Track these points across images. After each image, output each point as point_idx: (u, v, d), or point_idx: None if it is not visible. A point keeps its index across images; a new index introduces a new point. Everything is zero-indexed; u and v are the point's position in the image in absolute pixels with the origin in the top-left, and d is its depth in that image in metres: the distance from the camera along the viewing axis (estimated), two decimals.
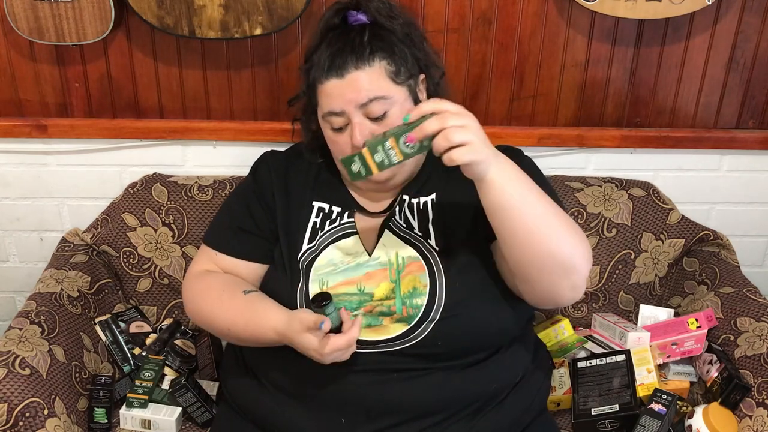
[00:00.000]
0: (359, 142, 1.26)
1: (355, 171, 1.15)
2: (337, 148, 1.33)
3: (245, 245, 1.42)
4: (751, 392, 1.43)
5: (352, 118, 1.27)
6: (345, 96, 1.27)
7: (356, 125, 1.27)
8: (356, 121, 1.27)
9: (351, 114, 1.27)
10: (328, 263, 1.33)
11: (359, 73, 1.26)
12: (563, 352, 1.63)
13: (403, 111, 1.28)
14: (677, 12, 1.64)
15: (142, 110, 1.78)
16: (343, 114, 1.28)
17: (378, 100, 1.27)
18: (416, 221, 1.36)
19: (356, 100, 1.26)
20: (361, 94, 1.26)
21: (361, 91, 1.26)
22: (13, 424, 1.28)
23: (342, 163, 1.20)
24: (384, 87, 1.28)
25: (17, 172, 1.83)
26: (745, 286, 1.65)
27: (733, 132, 1.84)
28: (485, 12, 1.70)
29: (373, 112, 1.27)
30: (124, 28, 1.69)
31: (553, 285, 1.21)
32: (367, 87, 1.26)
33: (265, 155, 1.52)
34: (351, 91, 1.27)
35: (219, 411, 1.49)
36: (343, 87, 1.27)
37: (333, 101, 1.28)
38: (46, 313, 1.52)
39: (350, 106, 1.27)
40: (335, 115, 1.29)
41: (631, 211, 1.78)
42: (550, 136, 1.80)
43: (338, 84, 1.27)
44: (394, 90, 1.29)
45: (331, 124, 1.31)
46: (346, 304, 1.29)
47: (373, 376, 1.27)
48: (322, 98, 1.31)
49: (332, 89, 1.28)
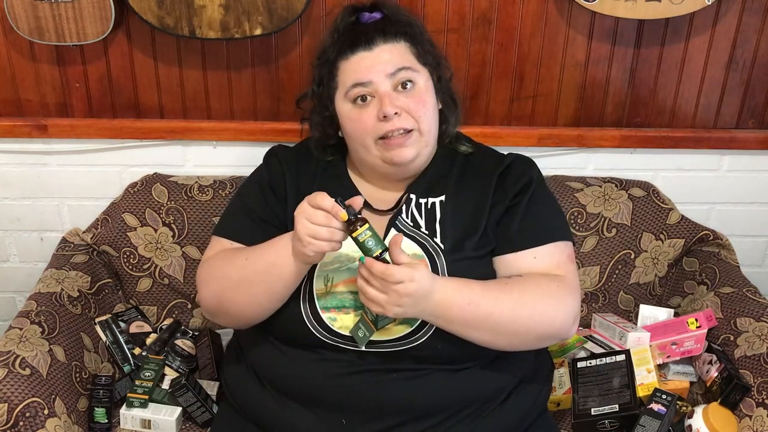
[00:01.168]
0: (390, 110, 1.28)
1: (362, 336, 1.26)
2: (359, 126, 1.32)
3: (262, 233, 1.36)
4: (750, 392, 1.43)
5: (379, 87, 1.30)
6: (373, 66, 1.30)
7: (385, 95, 1.29)
8: (384, 90, 1.30)
9: (378, 84, 1.30)
10: (334, 260, 1.32)
11: (387, 45, 1.32)
12: (563, 352, 1.63)
13: (428, 87, 1.34)
14: (677, 12, 1.64)
15: (143, 110, 1.78)
16: (370, 84, 1.30)
17: (406, 69, 1.31)
18: (423, 220, 1.36)
19: (385, 70, 1.30)
20: (390, 64, 1.31)
21: (389, 61, 1.31)
22: (13, 424, 1.28)
23: (352, 335, 1.27)
24: (410, 60, 1.33)
25: (17, 172, 1.83)
26: (744, 286, 1.65)
27: (733, 132, 1.84)
28: (485, 12, 1.70)
29: (401, 79, 1.31)
30: (125, 28, 1.69)
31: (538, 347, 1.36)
32: (396, 58, 1.32)
33: (275, 148, 1.51)
34: (379, 62, 1.31)
35: (219, 411, 1.49)
36: (371, 58, 1.31)
37: (360, 72, 1.31)
38: (47, 313, 1.52)
39: (379, 75, 1.30)
40: (361, 85, 1.30)
41: (631, 211, 1.78)
42: (550, 136, 1.80)
43: (366, 55, 1.31)
44: (418, 66, 1.34)
45: (355, 97, 1.32)
46: (350, 301, 1.29)
47: (373, 377, 1.27)
48: (347, 73, 1.33)
49: (360, 61, 1.32)
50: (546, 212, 1.39)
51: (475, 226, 1.34)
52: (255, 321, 1.34)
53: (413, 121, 1.31)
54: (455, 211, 1.36)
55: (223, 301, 1.33)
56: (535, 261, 1.32)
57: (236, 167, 1.80)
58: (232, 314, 1.34)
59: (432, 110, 1.35)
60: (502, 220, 1.36)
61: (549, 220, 1.38)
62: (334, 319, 1.28)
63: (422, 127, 1.32)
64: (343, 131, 1.38)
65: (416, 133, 1.32)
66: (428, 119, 1.33)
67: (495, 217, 1.36)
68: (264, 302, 1.29)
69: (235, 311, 1.33)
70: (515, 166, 1.41)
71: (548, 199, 1.43)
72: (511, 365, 1.35)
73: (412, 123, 1.31)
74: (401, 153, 1.31)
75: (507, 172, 1.40)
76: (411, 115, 1.30)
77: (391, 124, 1.29)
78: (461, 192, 1.38)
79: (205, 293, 1.36)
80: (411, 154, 1.32)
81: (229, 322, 1.39)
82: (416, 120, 1.31)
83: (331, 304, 1.29)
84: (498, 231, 1.35)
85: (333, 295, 1.29)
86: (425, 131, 1.33)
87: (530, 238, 1.34)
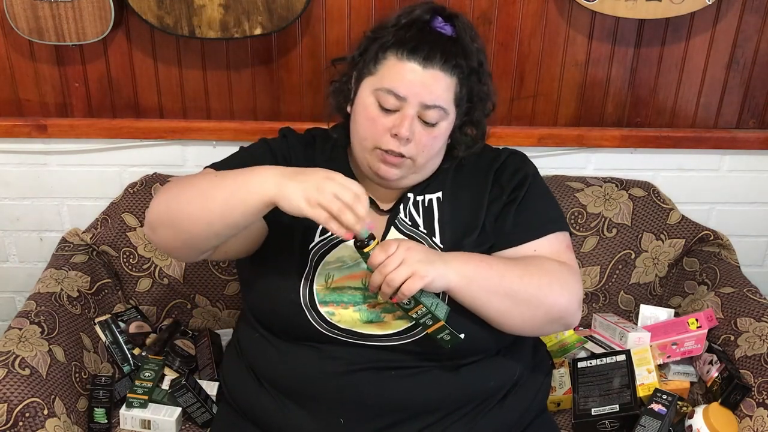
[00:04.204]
0: (406, 135, 1.25)
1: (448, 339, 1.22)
2: (370, 125, 1.29)
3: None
4: (751, 392, 1.42)
5: (408, 109, 1.26)
6: (415, 86, 1.25)
7: (409, 117, 1.25)
8: (410, 113, 1.26)
9: (409, 105, 1.26)
10: (337, 260, 1.32)
11: (441, 74, 1.26)
12: (563, 352, 1.63)
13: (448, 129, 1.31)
14: (677, 12, 1.64)
15: (142, 110, 1.78)
16: (403, 100, 1.26)
17: (439, 109, 1.27)
18: (421, 218, 1.36)
19: (425, 98, 1.25)
20: (432, 96, 1.26)
21: (433, 92, 1.26)
22: (13, 424, 1.27)
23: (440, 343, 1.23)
24: (448, 100, 1.28)
25: (17, 172, 1.83)
26: (745, 286, 1.65)
27: (733, 132, 1.84)
28: (485, 12, 1.70)
29: (429, 117, 1.27)
30: (124, 28, 1.69)
31: (544, 331, 1.38)
32: (439, 92, 1.26)
33: (287, 130, 1.47)
34: (425, 87, 1.25)
35: (219, 411, 1.49)
36: (421, 77, 1.25)
37: (402, 84, 1.25)
38: (46, 313, 1.52)
39: (416, 99, 1.25)
40: (393, 96, 1.26)
41: (632, 211, 1.78)
42: (550, 136, 1.80)
43: (417, 70, 1.25)
44: (452, 108, 1.29)
45: (381, 101, 1.27)
46: (349, 297, 1.29)
47: (371, 375, 1.27)
48: (390, 74, 1.27)
49: (408, 72, 1.25)
50: (543, 205, 1.40)
51: (474, 223, 1.34)
52: (195, 242, 1.23)
53: (415, 152, 1.29)
54: (453, 210, 1.36)
55: (173, 206, 1.23)
56: (535, 254, 1.33)
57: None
58: (176, 223, 1.22)
59: (441, 147, 1.34)
60: (499, 217, 1.36)
61: (546, 212, 1.39)
62: (332, 314, 1.28)
63: (419, 160, 1.30)
64: (353, 114, 1.34)
65: (409, 161, 1.30)
66: (429, 155, 1.31)
67: (493, 214, 1.36)
68: (215, 220, 1.19)
69: (180, 219, 1.22)
70: (510, 162, 1.41)
71: (544, 192, 1.43)
72: (509, 363, 1.35)
73: (414, 153, 1.29)
74: (388, 171, 1.30)
75: (503, 169, 1.40)
76: (417, 146, 1.28)
77: (396, 145, 1.27)
78: (458, 189, 1.38)
79: (160, 199, 1.26)
80: (396, 175, 1.31)
81: (169, 237, 1.25)
82: (418, 153, 1.29)
83: (330, 299, 1.29)
84: (496, 227, 1.35)
85: (332, 290, 1.30)
86: (420, 165, 1.31)
87: (529, 232, 1.34)
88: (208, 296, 1.76)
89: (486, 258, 1.28)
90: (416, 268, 1.15)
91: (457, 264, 1.22)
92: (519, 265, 1.28)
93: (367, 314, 1.28)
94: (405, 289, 1.15)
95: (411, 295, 1.16)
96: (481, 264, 1.25)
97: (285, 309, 1.30)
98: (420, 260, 1.17)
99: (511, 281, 1.24)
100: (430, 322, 1.19)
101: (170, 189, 1.27)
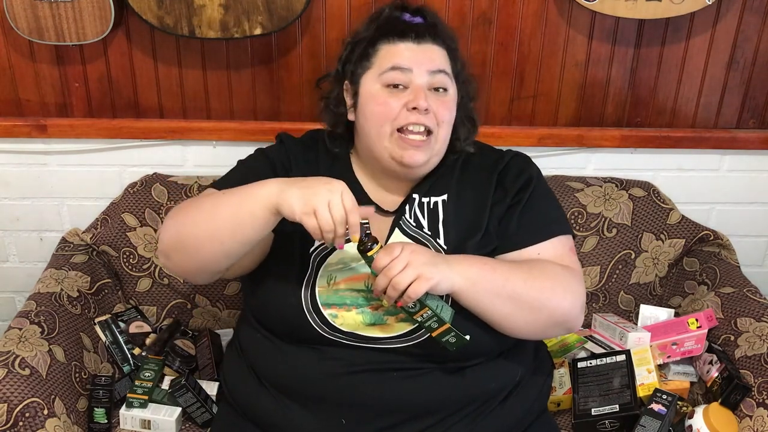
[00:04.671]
0: (424, 105, 1.27)
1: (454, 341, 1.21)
2: (384, 110, 1.30)
3: None
4: (751, 392, 1.42)
5: (417, 79, 1.30)
6: (418, 58, 1.31)
7: (421, 88, 1.30)
8: (421, 83, 1.30)
9: (417, 76, 1.30)
10: (339, 261, 1.32)
11: (435, 46, 1.33)
12: (563, 352, 1.63)
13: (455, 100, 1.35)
14: (677, 12, 1.64)
15: (142, 110, 1.78)
16: (410, 71, 1.30)
17: (444, 73, 1.33)
18: (426, 220, 1.36)
19: (429, 66, 1.31)
20: (434, 62, 1.32)
21: (434, 59, 1.32)
22: (13, 424, 1.27)
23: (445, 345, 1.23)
24: (449, 67, 1.34)
25: (17, 172, 1.83)
26: (745, 286, 1.65)
27: (733, 132, 1.84)
28: (485, 12, 1.70)
29: (439, 82, 1.31)
30: (124, 28, 1.69)
31: (546, 335, 1.35)
32: (440, 59, 1.33)
33: (284, 135, 1.47)
34: (425, 57, 1.32)
35: (219, 411, 1.49)
36: (417, 51, 1.32)
37: (403, 58, 1.31)
38: (46, 313, 1.52)
39: (421, 67, 1.30)
40: (400, 70, 1.30)
41: (632, 211, 1.78)
42: (550, 136, 1.80)
43: (413, 47, 1.32)
44: (452, 77, 1.36)
45: (389, 81, 1.31)
46: (351, 299, 1.29)
47: (372, 376, 1.27)
48: (388, 56, 1.32)
49: (405, 50, 1.32)
50: (546, 207, 1.40)
51: (477, 225, 1.34)
52: (209, 264, 1.25)
53: (435, 124, 1.31)
54: (457, 211, 1.36)
55: (183, 232, 1.24)
56: (539, 257, 1.33)
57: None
58: (189, 249, 1.23)
59: (453, 119, 1.36)
60: (503, 219, 1.36)
61: (550, 215, 1.39)
62: (335, 316, 1.28)
63: (440, 133, 1.32)
64: (361, 114, 1.35)
65: (433, 138, 1.32)
66: (447, 128, 1.34)
67: (497, 216, 1.36)
68: (225, 239, 1.20)
69: (193, 245, 1.23)
70: (514, 164, 1.41)
71: (547, 195, 1.43)
72: (511, 364, 1.35)
73: (434, 125, 1.31)
74: (413, 155, 1.30)
75: (506, 171, 1.40)
76: (436, 117, 1.30)
77: (416, 118, 1.28)
78: (462, 191, 1.38)
79: (168, 226, 1.27)
80: (422, 158, 1.31)
81: (183, 262, 1.27)
82: (438, 124, 1.31)
83: (333, 300, 1.29)
84: (500, 230, 1.35)
85: (335, 292, 1.29)
86: (441, 139, 1.33)
87: (533, 235, 1.34)
88: (208, 296, 1.76)
89: (490, 261, 1.28)
90: (422, 271, 1.15)
91: (461, 267, 1.22)
92: (523, 268, 1.28)
93: (370, 317, 1.28)
94: (411, 292, 1.14)
95: (417, 298, 1.15)
96: (485, 267, 1.24)
97: (287, 313, 1.30)
98: (425, 263, 1.17)
99: (515, 284, 1.24)
100: (435, 325, 1.19)
101: (177, 214, 1.28)
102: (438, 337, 1.20)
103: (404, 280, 1.14)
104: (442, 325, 1.18)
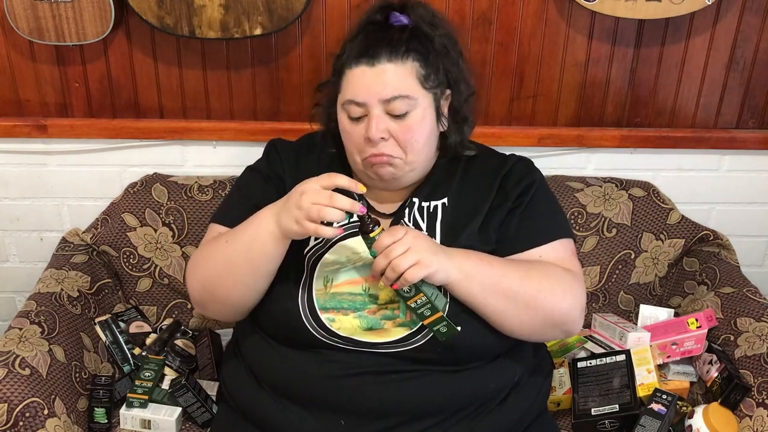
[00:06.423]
0: (376, 136, 1.25)
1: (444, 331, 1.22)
2: (351, 139, 1.31)
3: None
4: (751, 392, 1.43)
5: (372, 110, 1.26)
6: (370, 87, 1.26)
7: (374, 117, 1.26)
8: (375, 113, 1.26)
9: (371, 107, 1.26)
10: (334, 261, 1.32)
11: (390, 65, 1.26)
12: (563, 352, 1.63)
13: (425, 115, 1.29)
14: (677, 12, 1.64)
15: (142, 110, 1.78)
16: (364, 105, 1.27)
17: (402, 98, 1.26)
18: (425, 223, 1.36)
19: (380, 94, 1.25)
20: (387, 90, 1.25)
21: (387, 85, 1.25)
22: (13, 424, 1.27)
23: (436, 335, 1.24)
24: (411, 87, 1.27)
25: (17, 172, 1.83)
26: (745, 286, 1.65)
27: (733, 132, 1.84)
28: (485, 12, 1.70)
29: (394, 109, 1.26)
30: (124, 28, 1.69)
31: (544, 336, 1.36)
32: (395, 83, 1.26)
33: (275, 141, 1.49)
34: (377, 84, 1.26)
35: (219, 411, 1.49)
36: (371, 76, 1.26)
37: (357, 90, 1.27)
38: (46, 313, 1.52)
39: (373, 99, 1.26)
40: (355, 105, 1.27)
41: (631, 211, 1.78)
42: (550, 136, 1.80)
43: (367, 71, 1.26)
44: (420, 93, 1.28)
45: (348, 113, 1.29)
46: (349, 303, 1.29)
47: (371, 378, 1.26)
48: (347, 85, 1.29)
49: (360, 77, 1.27)
50: (548, 211, 1.40)
51: (476, 227, 1.34)
52: (244, 304, 1.32)
53: (400, 150, 1.28)
54: (456, 213, 1.36)
55: (208, 286, 1.31)
56: (540, 260, 1.33)
57: (236, 167, 1.80)
58: (219, 299, 1.32)
59: (425, 137, 1.31)
60: (504, 222, 1.35)
61: (551, 218, 1.39)
62: (332, 320, 1.28)
63: (409, 156, 1.30)
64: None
65: (399, 161, 1.30)
66: (417, 148, 1.30)
67: (497, 220, 1.35)
68: (249, 281, 1.28)
69: (222, 294, 1.31)
70: (517, 169, 1.41)
71: (549, 199, 1.43)
72: (510, 364, 1.35)
73: (399, 152, 1.28)
74: (382, 170, 1.30)
75: (509, 175, 1.39)
76: (398, 142, 1.28)
77: (377, 149, 1.27)
78: (463, 194, 1.38)
79: (192, 282, 1.35)
80: (391, 173, 1.31)
81: (220, 309, 1.36)
82: (403, 149, 1.29)
83: (330, 304, 1.29)
84: (500, 233, 1.35)
85: (332, 295, 1.29)
86: (411, 160, 1.30)
87: (534, 238, 1.34)
88: None
89: (488, 257, 1.28)
90: (422, 257, 1.16)
91: (458, 259, 1.23)
92: (521, 267, 1.28)
93: (368, 321, 1.28)
94: (408, 276, 1.15)
95: (413, 282, 1.16)
96: (482, 262, 1.25)
97: (284, 317, 1.30)
98: (426, 250, 1.18)
99: (511, 281, 1.24)
100: (428, 313, 1.20)
101: (195, 269, 1.35)
102: (430, 325, 1.21)
103: (404, 264, 1.15)
104: (435, 313, 1.19)
